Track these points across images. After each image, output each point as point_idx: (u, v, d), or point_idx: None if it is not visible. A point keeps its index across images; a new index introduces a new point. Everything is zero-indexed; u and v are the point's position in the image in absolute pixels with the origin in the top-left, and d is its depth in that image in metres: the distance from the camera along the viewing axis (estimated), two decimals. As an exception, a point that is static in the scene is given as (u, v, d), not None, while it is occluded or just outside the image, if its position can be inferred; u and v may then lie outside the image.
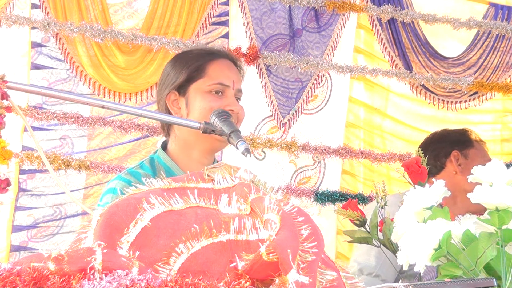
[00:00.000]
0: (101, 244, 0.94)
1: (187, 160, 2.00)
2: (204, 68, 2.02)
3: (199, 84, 2.00)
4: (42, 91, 1.86)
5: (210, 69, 2.02)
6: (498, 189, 1.30)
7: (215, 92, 1.99)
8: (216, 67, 2.03)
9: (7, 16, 3.37)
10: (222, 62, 2.06)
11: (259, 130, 3.93)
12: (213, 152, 2.03)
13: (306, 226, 0.99)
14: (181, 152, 2.01)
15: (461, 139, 2.81)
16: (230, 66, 2.07)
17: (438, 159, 2.76)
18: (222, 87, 1.99)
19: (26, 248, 3.57)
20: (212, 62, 2.04)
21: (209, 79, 2.00)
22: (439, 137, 2.88)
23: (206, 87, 1.99)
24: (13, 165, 3.41)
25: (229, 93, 2.00)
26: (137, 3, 3.76)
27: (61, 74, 3.65)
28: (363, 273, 2.40)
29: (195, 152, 1.99)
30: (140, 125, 3.62)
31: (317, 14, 3.99)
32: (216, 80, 2.00)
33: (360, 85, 4.18)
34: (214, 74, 2.01)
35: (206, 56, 2.07)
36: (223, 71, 2.03)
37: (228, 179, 1.13)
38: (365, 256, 2.42)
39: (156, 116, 2.14)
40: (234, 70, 2.07)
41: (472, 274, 1.27)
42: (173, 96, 2.03)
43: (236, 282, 0.93)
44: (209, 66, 2.03)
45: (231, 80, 2.01)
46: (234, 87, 2.01)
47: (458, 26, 4.10)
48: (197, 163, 1.98)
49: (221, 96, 1.99)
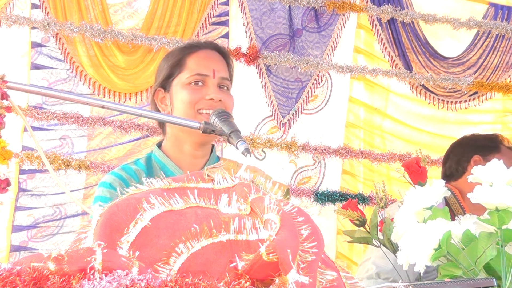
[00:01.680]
0: (101, 244, 0.94)
1: (180, 155, 2.02)
2: (184, 61, 2.03)
3: (180, 78, 2.01)
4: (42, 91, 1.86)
5: (189, 62, 2.02)
6: (498, 189, 1.30)
7: (195, 83, 1.99)
8: (194, 58, 2.03)
9: (7, 16, 3.37)
10: (201, 53, 2.06)
11: (259, 130, 3.93)
12: (203, 145, 2.02)
13: (306, 226, 0.99)
14: (173, 147, 2.03)
15: (487, 144, 2.76)
16: (211, 55, 2.06)
17: (460, 163, 2.72)
18: (201, 77, 1.99)
19: (26, 248, 3.57)
20: (191, 54, 2.05)
21: (188, 71, 2.01)
22: (466, 141, 2.83)
23: (185, 80, 2.00)
24: (13, 165, 3.41)
25: (210, 82, 1.99)
26: (137, 3, 3.76)
27: (61, 74, 3.65)
28: (380, 276, 2.37)
29: (186, 146, 2.01)
30: (140, 125, 3.62)
31: (317, 14, 3.99)
32: (194, 71, 2.00)
33: (360, 85, 4.18)
34: (192, 66, 2.01)
35: (186, 49, 2.08)
36: (201, 61, 2.02)
37: (228, 179, 1.13)
38: (384, 260, 2.39)
39: (156, 116, 2.14)
40: (216, 59, 2.05)
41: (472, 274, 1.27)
42: (160, 94, 2.06)
43: (236, 282, 0.93)
44: (188, 58, 2.03)
45: (210, 69, 2.00)
46: (216, 75, 2.00)
47: (458, 26, 4.10)
48: (190, 157, 2.01)
49: (201, 87, 1.99)
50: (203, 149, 2.03)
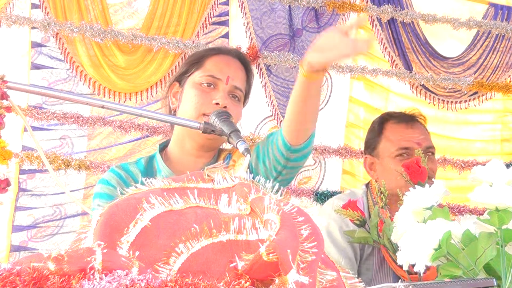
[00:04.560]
0: (101, 244, 0.94)
1: (181, 154, 2.00)
2: (203, 61, 2.02)
3: (194, 76, 2.00)
4: (42, 91, 1.87)
5: (207, 62, 2.02)
6: (498, 189, 1.30)
7: (207, 85, 1.97)
8: (213, 60, 2.02)
9: (7, 16, 3.38)
10: (222, 57, 2.05)
11: (259, 130, 3.93)
12: (204, 149, 1.98)
13: (306, 226, 0.99)
14: (177, 147, 2.01)
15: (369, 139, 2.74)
16: (231, 62, 2.04)
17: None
18: (214, 80, 1.97)
19: (26, 248, 3.57)
20: (212, 56, 2.04)
21: (203, 71, 2.00)
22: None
23: (198, 79, 1.99)
24: (13, 165, 3.41)
25: (221, 87, 1.97)
26: (137, 3, 3.76)
27: (61, 74, 3.65)
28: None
29: (188, 147, 1.99)
30: (140, 125, 3.62)
31: (317, 14, 3.99)
32: (209, 72, 1.99)
33: (360, 85, 4.18)
34: (209, 67, 2.00)
35: (209, 51, 2.09)
36: (218, 64, 2.01)
37: (228, 179, 1.13)
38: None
39: (156, 116, 2.15)
40: (235, 67, 2.03)
41: (472, 274, 1.27)
42: (174, 88, 2.06)
43: (236, 282, 0.93)
44: (208, 59, 2.03)
45: (225, 75, 1.98)
46: (229, 82, 1.98)
47: (458, 26, 4.10)
48: (189, 156, 1.98)
49: (212, 89, 1.97)
50: (205, 153, 2.00)
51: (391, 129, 2.53)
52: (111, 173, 1.98)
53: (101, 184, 1.97)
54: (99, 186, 1.97)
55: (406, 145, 2.46)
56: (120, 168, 2.00)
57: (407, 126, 2.51)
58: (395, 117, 2.58)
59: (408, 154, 2.44)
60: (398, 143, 2.47)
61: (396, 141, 2.48)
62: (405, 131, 2.50)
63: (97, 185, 1.98)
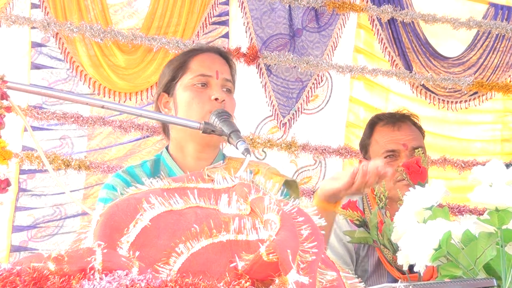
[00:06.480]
0: (101, 244, 0.94)
1: (184, 158, 2.00)
2: (187, 64, 2.03)
3: (183, 80, 2.01)
4: (42, 91, 1.86)
5: (192, 64, 2.03)
6: (498, 189, 1.30)
7: (201, 85, 1.98)
8: (197, 60, 2.04)
9: (7, 16, 3.38)
10: (204, 55, 2.06)
11: (259, 130, 3.93)
12: (207, 147, 1.99)
13: (306, 226, 0.99)
14: (178, 151, 2.02)
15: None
16: (214, 57, 2.07)
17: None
18: (205, 78, 1.99)
19: (26, 248, 3.57)
20: (194, 57, 2.05)
21: (191, 72, 2.01)
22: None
23: (189, 81, 1.99)
24: (13, 165, 3.41)
25: (213, 83, 1.99)
26: (137, 3, 3.76)
27: (61, 74, 3.65)
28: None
29: (189, 149, 1.99)
30: (140, 125, 3.62)
31: (317, 14, 3.99)
32: (198, 72, 2.00)
33: (360, 85, 4.18)
34: (195, 68, 2.01)
35: (189, 53, 2.09)
36: (204, 62, 2.03)
37: (228, 179, 1.13)
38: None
39: (156, 116, 2.14)
40: (219, 61, 2.06)
41: (472, 274, 1.27)
42: (163, 98, 2.05)
43: (236, 282, 0.93)
44: (191, 61, 2.04)
45: (213, 70, 2.00)
46: (219, 76, 2.00)
47: (458, 26, 4.10)
48: (194, 159, 1.98)
49: (205, 88, 1.98)
50: (208, 151, 2.00)
51: (379, 131, 2.57)
52: (117, 178, 1.96)
53: (106, 190, 1.95)
54: (104, 191, 1.95)
55: (391, 148, 2.49)
56: (126, 172, 1.99)
57: (393, 128, 2.54)
58: (383, 119, 2.61)
59: (395, 156, 2.48)
60: (384, 145, 2.51)
61: (383, 144, 2.52)
62: (391, 133, 2.53)
63: (102, 190, 1.96)
